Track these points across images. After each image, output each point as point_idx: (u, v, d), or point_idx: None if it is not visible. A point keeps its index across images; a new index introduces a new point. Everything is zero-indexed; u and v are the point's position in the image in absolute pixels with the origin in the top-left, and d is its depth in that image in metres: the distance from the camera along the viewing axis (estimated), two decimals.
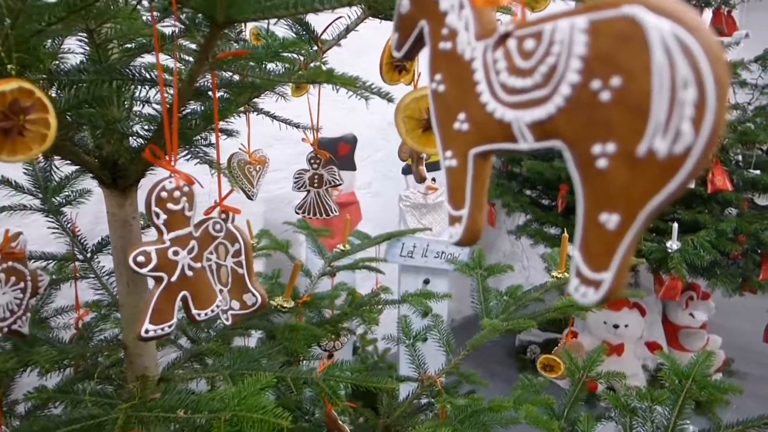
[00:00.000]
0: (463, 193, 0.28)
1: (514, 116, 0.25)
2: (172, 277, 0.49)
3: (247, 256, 0.60)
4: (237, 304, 0.62)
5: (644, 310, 2.60)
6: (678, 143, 0.20)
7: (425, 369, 1.09)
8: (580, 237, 0.24)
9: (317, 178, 0.94)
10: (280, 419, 0.61)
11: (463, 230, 0.28)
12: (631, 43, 0.20)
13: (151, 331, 0.49)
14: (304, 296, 1.20)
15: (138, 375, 0.85)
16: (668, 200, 0.21)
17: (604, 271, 0.23)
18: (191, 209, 0.50)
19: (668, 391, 1.06)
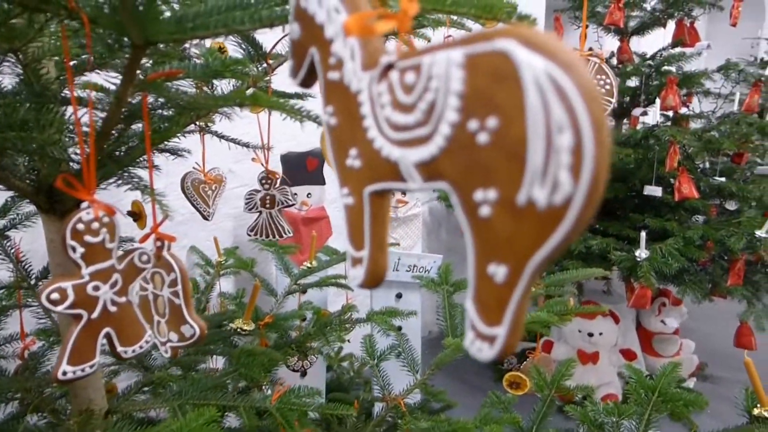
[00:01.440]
0: (362, 232, 0.26)
1: (400, 154, 0.23)
2: (92, 313, 0.46)
3: (184, 285, 0.57)
4: (175, 336, 0.59)
5: (618, 318, 2.61)
6: (557, 193, 0.18)
7: (390, 390, 1.06)
8: (473, 289, 0.22)
9: (269, 199, 0.91)
10: None
11: (364, 273, 0.26)
12: (506, 81, 0.19)
13: (70, 372, 0.46)
14: (266, 317, 1.17)
15: (83, 408, 0.81)
16: (555, 253, 0.19)
17: (497, 326, 0.21)
18: (113, 240, 0.47)
19: (635, 405, 1.05)
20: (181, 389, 0.84)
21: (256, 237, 0.92)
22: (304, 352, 1.40)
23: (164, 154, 0.83)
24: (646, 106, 2.42)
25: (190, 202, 0.95)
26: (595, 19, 2.44)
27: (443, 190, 0.23)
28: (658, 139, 2.08)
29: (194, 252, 1.98)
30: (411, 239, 2.05)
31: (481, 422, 0.95)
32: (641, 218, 2.23)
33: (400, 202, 1.99)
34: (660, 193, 2.11)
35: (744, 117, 2.40)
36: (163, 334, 0.60)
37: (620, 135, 2.35)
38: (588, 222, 0.18)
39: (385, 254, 0.26)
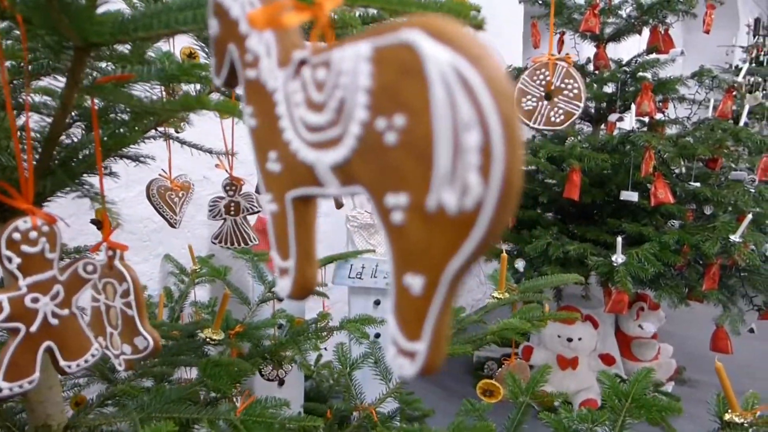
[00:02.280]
0: (287, 241, 0.25)
1: (315, 157, 0.22)
2: (30, 326, 0.44)
3: (136, 296, 0.55)
4: (128, 348, 0.57)
5: (597, 323, 2.62)
6: (467, 197, 0.17)
7: (362, 398, 1.05)
8: (394, 301, 0.21)
9: (233, 206, 0.89)
10: None
11: (291, 283, 0.25)
12: (411, 75, 0.18)
13: (6, 389, 0.43)
14: (236, 326, 1.14)
15: (40, 424, 0.78)
16: (472, 261, 0.18)
17: (417, 341, 0.20)
18: (53, 250, 0.45)
19: (609, 411, 1.04)
20: (144, 402, 0.82)
21: (221, 245, 0.90)
22: (278, 361, 1.37)
23: (125, 160, 0.80)
24: (623, 112, 2.45)
25: (156, 209, 0.93)
26: (571, 25, 2.46)
27: (359, 193, 0.21)
28: (633, 145, 2.10)
29: (168, 260, 1.95)
30: None
31: (454, 430, 0.93)
32: (618, 223, 2.25)
33: None
34: (636, 198, 2.12)
35: (718, 123, 2.44)
36: (116, 346, 0.58)
37: (597, 140, 2.37)
38: (504, 226, 0.17)
39: (313, 264, 0.25)
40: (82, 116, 0.64)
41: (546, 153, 2.19)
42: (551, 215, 2.63)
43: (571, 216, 2.62)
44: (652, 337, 2.80)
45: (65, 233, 1.32)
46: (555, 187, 2.55)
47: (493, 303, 1.17)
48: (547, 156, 2.24)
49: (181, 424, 0.89)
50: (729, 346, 2.33)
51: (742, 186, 2.33)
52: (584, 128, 2.75)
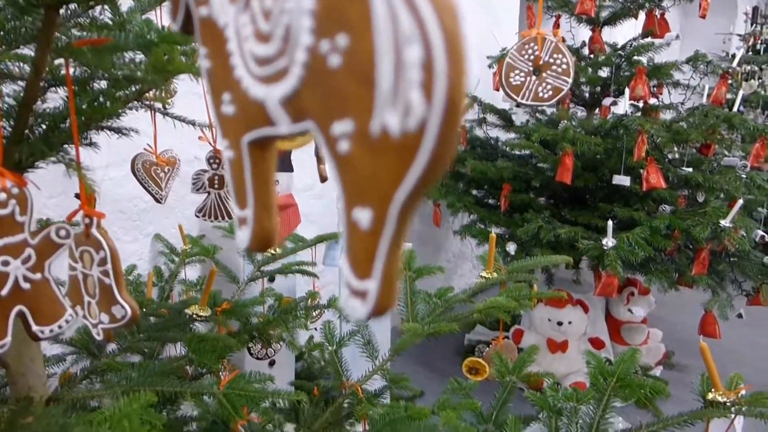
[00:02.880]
0: (244, 189, 0.24)
1: (265, 93, 0.21)
2: (1, 290, 0.43)
3: (114, 264, 0.54)
4: (106, 317, 0.56)
5: (587, 307, 2.63)
6: (410, 117, 0.17)
7: (348, 376, 1.05)
8: (346, 240, 0.20)
9: (217, 179, 0.88)
10: None
11: (250, 234, 0.24)
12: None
13: None
14: (223, 304, 1.14)
15: (22, 396, 0.78)
16: (419, 191, 0.17)
17: (367, 279, 0.20)
18: (24, 213, 0.44)
19: (593, 391, 1.05)
20: (129, 376, 0.82)
21: (205, 218, 0.89)
22: (267, 339, 1.37)
23: (109, 133, 0.79)
24: (617, 97, 2.44)
25: (141, 184, 0.92)
26: (567, 8, 2.44)
27: (308, 129, 0.21)
28: (626, 129, 2.09)
29: (159, 240, 1.94)
30: None
31: (439, 408, 0.94)
32: (610, 208, 2.25)
33: None
34: (628, 183, 2.12)
35: (712, 109, 2.44)
36: (94, 315, 0.57)
37: (590, 125, 2.36)
38: (450, 153, 0.17)
39: (271, 215, 0.24)
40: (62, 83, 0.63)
41: (539, 136, 2.18)
42: (543, 199, 2.63)
43: (563, 200, 2.63)
44: (641, 321, 2.82)
45: (53, 211, 1.33)
46: (547, 172, 2.55)
47: (481, 283, 1.17)
48: (540, 139, 2.23)
49: (165, 399, 0.89)
50: (717, 331, 2.35)
51: (734, 172, 2.34)
52: (578, 112, 2.75)
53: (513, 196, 2.47)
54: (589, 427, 1.00)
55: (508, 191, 2.45)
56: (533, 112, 2.91)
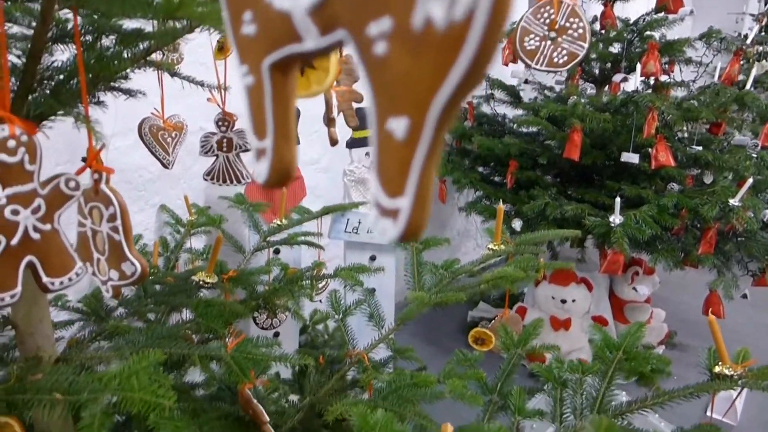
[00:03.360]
0: (264, 118, 0.23)
1: (291, 3, 0.20)
2: (11, 239, 0.43)
3: (123, 220, 0.54)
4: (116, 274, 0.56)
5: (591, 285, 2.63)
6: (457, 5, 0.15)
7: (354, 345, 1.05)
8: (375, 157, 0.19)
9: (226, 142, 0.87)
10: (163, 398, 0.56)
11: (269, 166, 0.23)
12: None
13: None
14: (230, 271, 1.14)
15: (30, 356, 0.78)
16: (460, 93, 0.16)
17: (400, 196, 0.19)
18: (33, 162, 0.43)
19: (599, 363, 1.05)
20: (136, 338, 0.82)
21: (213, 181, 0.88)
22: (272, 309, 1.38)
23: (116, 94, 0.78)
24: (628, 73, 2.40)
25: (149, 149, 0.91)
26: None
27: (340, 40, 0.20)
28: (637, 106, 2.06)
29: (164, 210, 1.94)
30: None
31: (445, 377, 0.94)
32: (617, 186, 2.23)
33: None
34: (637, 160, 2.10)
35: (723, 88, 2.40)
36: (103, 272, 0.57)
37: (600, 101, 2.33)
38: (495, 49, 0.16)
39: (291, 146, 0.23)
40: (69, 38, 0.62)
41: (547, 112, 2.16)
42: (550, 177, 2.61)
43: (570, 179, 2.61)
44: (645, 301, 2.82)
45: None
46: (555, 149, 2.53)
47: (487, 254, 1.16)
48: (549, 116, 2.21)
49: (173, 363, 0.89)
50: (721, 311, 2.35)
51: (745, 151, 2.31)
52: (587, 89, 2.71)
53: (519, 173, 2.45)
54: (594, 399, 1.00)
55: (514, 168, 2.43)
56: (541, 89, 2.88)
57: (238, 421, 0.86)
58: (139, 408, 0.56)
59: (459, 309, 3.20)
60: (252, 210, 1.54)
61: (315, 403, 1.00)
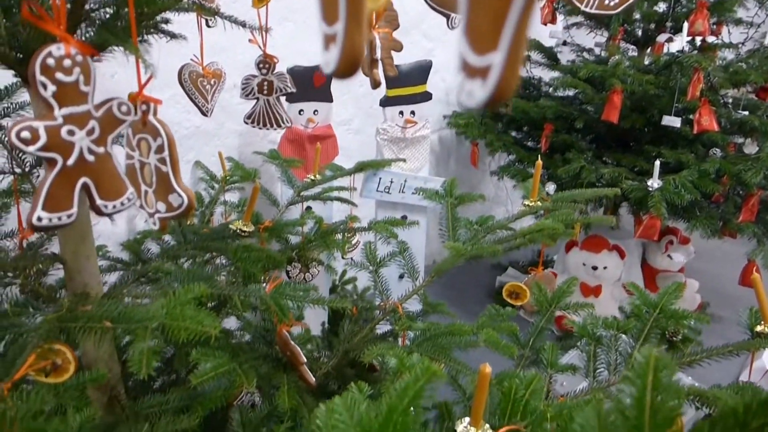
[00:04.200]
0: (336, 2, 0.22)
1: None
2: (68, 160, 0.43)
3: (171, 152, 0.54)
4: (163, 206, 0.57)
5: (623, 253, 2.59)
6: None
7: (388, 295, 1.06)
8: (465, 12, 0.18)
9: (267, 85, 0.87)
10: (209, 328, 0.57)
11: (338, 53, 0.23)
12: None
13: (45, 219, 0.44)
14: (265, 222, 1.15)
15: (78, 293, 0.81)
16: None
17: (492, 52, 0.18)
18: (88, 83, 0.44)
19: (635, 320, 1.04)
20: (177, 278, 0.84)
21: (253, 125, 0.88)
22: (305, 263, 1.40)
23: (158, 36, 0.78)
24: (673, 33, 2.30)
25: (188, 95, 0.91)
26: None
27: None
28: (681, 67, 1.98)
29: (199, 167, 1.96)
30: (418, 161, 2.01)
31: (479, 328, 0.94)
32: (656, 150, 2.17)
33: (409, 122, 1.94)
34: (679, 124, 2.03)
35: None
36: (150, 204, 0.58)
37: (642, 62, 2.25)
38: None
39: (362, 31, 0.22)
40: None
41: (587, 72, 2.09)
42: (585, 142, 2.55)
43: (606, 145, 2.54)
44: (678, 271, 2.77)
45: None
46: (592, 113, 2.46)
47: (523, 210, 1.15)
48: (588, 76, 2.14)
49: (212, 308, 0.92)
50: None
51: None
52: (629, 51, 2.61)
53: (554, 137, 2.40)
54: (629, 355, 1.00)
55: (549, 131, 2.38)
56: (580, 51, 2.79)
57: (275, 363, 0.87)
58: (186, 337, 0.58)
59: (487, 275, 3.19)
60: (286, 165, 1.55)
61: (348, 351, 1.02)
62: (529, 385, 0.73)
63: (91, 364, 0.84)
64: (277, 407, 0.80)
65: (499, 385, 0.71)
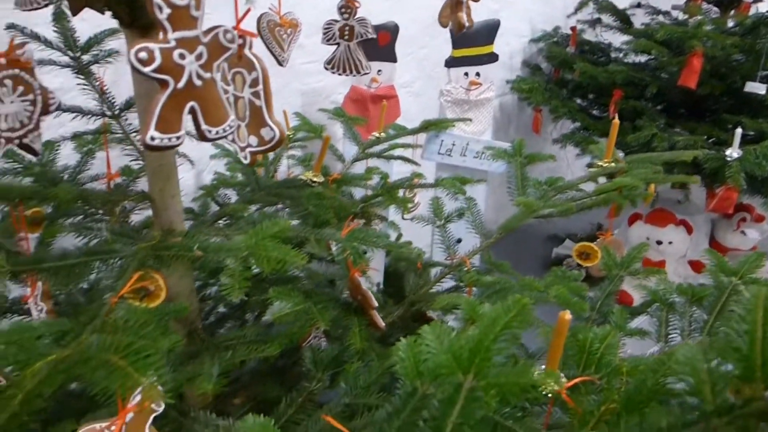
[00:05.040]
0: None
1: None
2: (178, 82, 0.45)
3: (265, 85, 0.55)
4: (255, 139, 0.58)
5: (691, 228, 2.49)
6: None
7: (455, 250, 1.06)
8: None
9: (348, 30, 0.87)
10: (295, 257, 0.59)
11: None
12: None
13: (158, 138, 0.46)
14: (334, 174, 1.17)
15: (164, 229, 0.85)
16: None
17: None
18: (198, 8, 0.45)
19: (712, 287, 1.00)
20: (255, 219, 0.87)
21: (334, 71, 0.89)
22: (368, 218, 1.41)
23: None
24: None
25: (266, 44, 0.92)
26: None
27: None
28: None
29: None
30: (481, 125, 1.98)
31: (548, 285, 0.93)
32: (735, 119, 2.04)
33: (474, 84, 1.90)
34: (763, 91, 1.90)
35: None
36: (242, 138, 0.60)
37: (725, 24, 2.10)
38: None
39: None
40: None
41: (664, 34, 1.98)
42: (656, 110, 2.43)
43: (678, 114, 2.42)
44: (750, 249, 2.64)
45: None
46: (665, 79, 2.34)
47: (596, 171, 1.11)
48: (665, 38, 2.03)
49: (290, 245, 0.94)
50: None
51: None
52: (711, 13, 2.45)
53: (623, 102, 2.30)
54: (704, 322, 0.96)
55: (618, 97, 2.28)
56: (655, 14, 2.65)
57: (345, 307, 0.90)
58: (273, 266, 0.60)
59: (542, 247, 3.14)
60: (350, 123, 1.55)
61: (414, 302, 1.03)
62: (604, 339, 0.72)
63: (173, 298, 0.89)
64: (347, 348, 0.83)
65: (573, 338, 0.70)
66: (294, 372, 1.03)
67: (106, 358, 0.45)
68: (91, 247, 0.64)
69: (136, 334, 0.53)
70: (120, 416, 0.60)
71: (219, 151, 1.79)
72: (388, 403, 0.54)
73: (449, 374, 0.43)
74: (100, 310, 0.54)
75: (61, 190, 0.66)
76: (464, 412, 0.42)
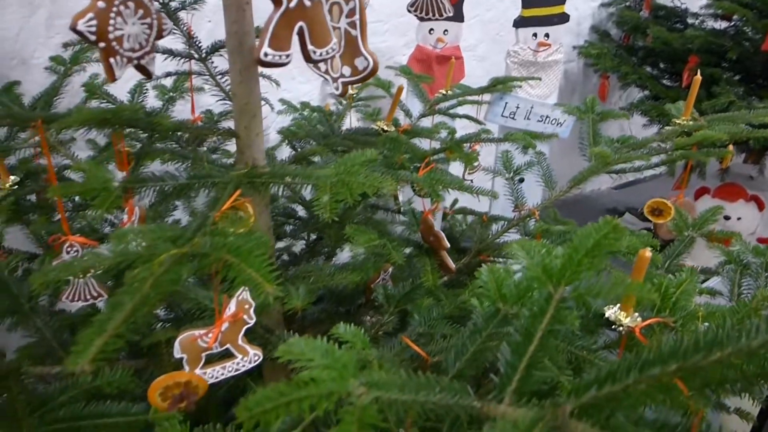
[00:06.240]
0: None
1: None
2: (291, 1, 0.48)
3: (361, 15, 0.57)
4: (348, 69, 0.61)
5: (763, 205, 2.38)
6: None
7: (523, 202, 1.07)
8: None
9: None
10: (386, 184, 0.61)
11: None
12: None
13: (270, 55, 0.49)
14: (405, 125, 1.19)
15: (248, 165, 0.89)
16: None
17: None
18: None
19: None
20: (332, 161, 0.90)
21: (417, 13, 0.90)
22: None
23: None
24: None
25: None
26: None
27: None
28: None
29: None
30: (548, 87, 1.94)
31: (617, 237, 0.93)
32: None
33: (542, 45, 1.86)
34: None
35: None
36: (336, 69, 0.62)
37: None
38: None
39: None
40: None
41: None
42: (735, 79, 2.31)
43: (757, 84, 2.29)
44: None
45: None
46: (746, 46, 2.21)
47: (673, 130, 1.09)
48: (748, 3, 1.92)
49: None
50: None
51: None
52: None
53: (698, 71, 2.20)
54: None
55: (694, 64, 2.18)
56: None
57: (418, 246, 0.92)
58: (359, 190, 0.63)
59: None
60: (417, 80, 1.56)
61: (481, 250, 1.05)
62: (680, 285, 0.72)
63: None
64: (418, 287, 0.85)
65: (648, 281, 0.71)
66: (360, 314, 1.08)
67: (219, 255, 0.49)
68: (192, 172, 0.69)
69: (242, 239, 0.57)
70: (217, 325, 0.66)
71: (285, 107, 1.84)
72: (465, 327, 0.57)
73: (541, 286, 0.45)
74: (205, 221, 0.58)
75: (163, 118, 0.71)
76: (554, 321, 0.44)
